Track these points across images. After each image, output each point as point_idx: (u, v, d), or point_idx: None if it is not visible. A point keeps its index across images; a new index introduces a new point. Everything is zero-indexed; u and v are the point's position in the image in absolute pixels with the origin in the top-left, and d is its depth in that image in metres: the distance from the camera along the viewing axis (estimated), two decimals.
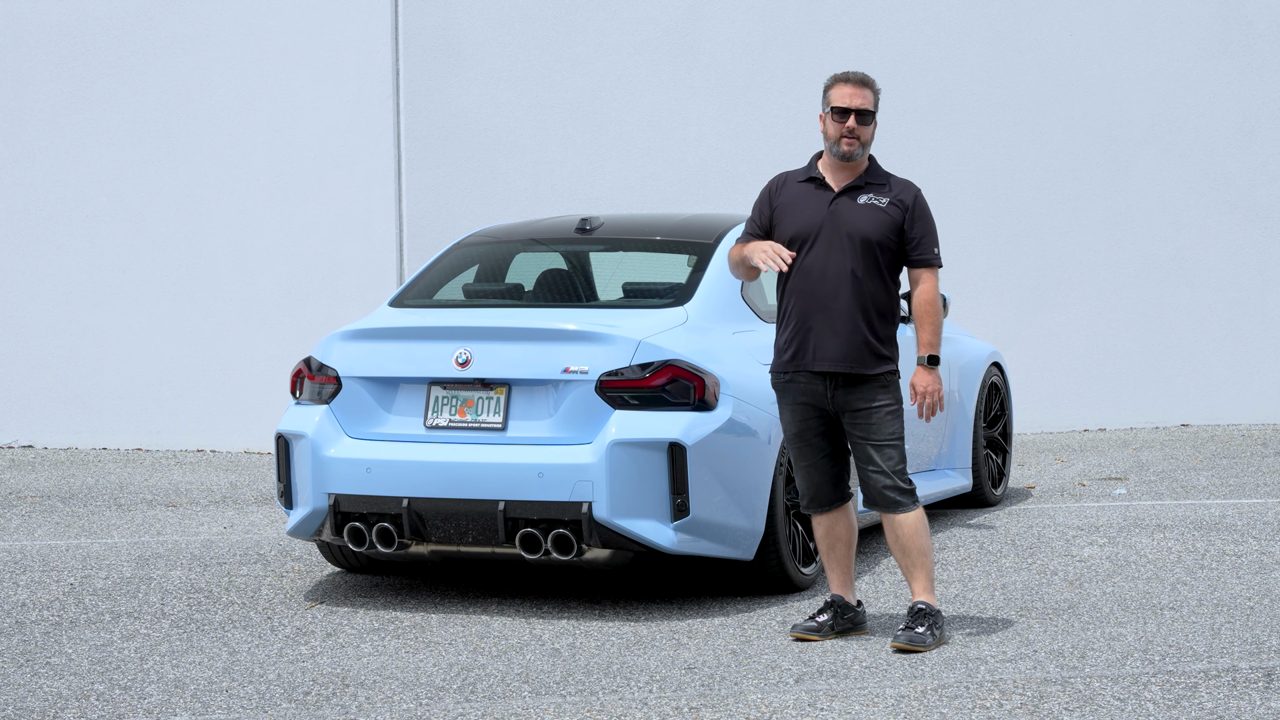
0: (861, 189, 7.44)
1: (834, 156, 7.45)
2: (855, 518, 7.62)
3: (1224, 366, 14.86)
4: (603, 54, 14.45)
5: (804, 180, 7.52)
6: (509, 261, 9.38)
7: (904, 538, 7.40)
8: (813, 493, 7.52)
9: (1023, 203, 14.74)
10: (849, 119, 7.39)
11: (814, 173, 7.51)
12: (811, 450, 7.49)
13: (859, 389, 7.36)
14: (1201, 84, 14.82)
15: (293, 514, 8.38)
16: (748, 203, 14.05)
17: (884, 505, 7.39)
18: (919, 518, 7.40)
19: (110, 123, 14.42)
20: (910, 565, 7.43)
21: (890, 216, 7.40)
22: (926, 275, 7.42)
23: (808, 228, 7.41)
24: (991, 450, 11.02)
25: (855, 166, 7.47)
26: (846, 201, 7.42)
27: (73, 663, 7.30)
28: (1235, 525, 9.82)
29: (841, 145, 7.41)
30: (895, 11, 14.62)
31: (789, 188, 7.54)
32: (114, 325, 14.45)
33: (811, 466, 7.49)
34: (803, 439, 7.48)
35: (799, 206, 7.46)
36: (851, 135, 7.39)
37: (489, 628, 7.84)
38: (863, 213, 7.39)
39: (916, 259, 7.43)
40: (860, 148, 7.41)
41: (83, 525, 10.72)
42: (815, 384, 7.40)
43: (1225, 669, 6.80)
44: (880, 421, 7.36)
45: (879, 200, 7.41)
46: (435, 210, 14.19)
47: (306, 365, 8.47)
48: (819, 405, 7.43)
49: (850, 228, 7.37)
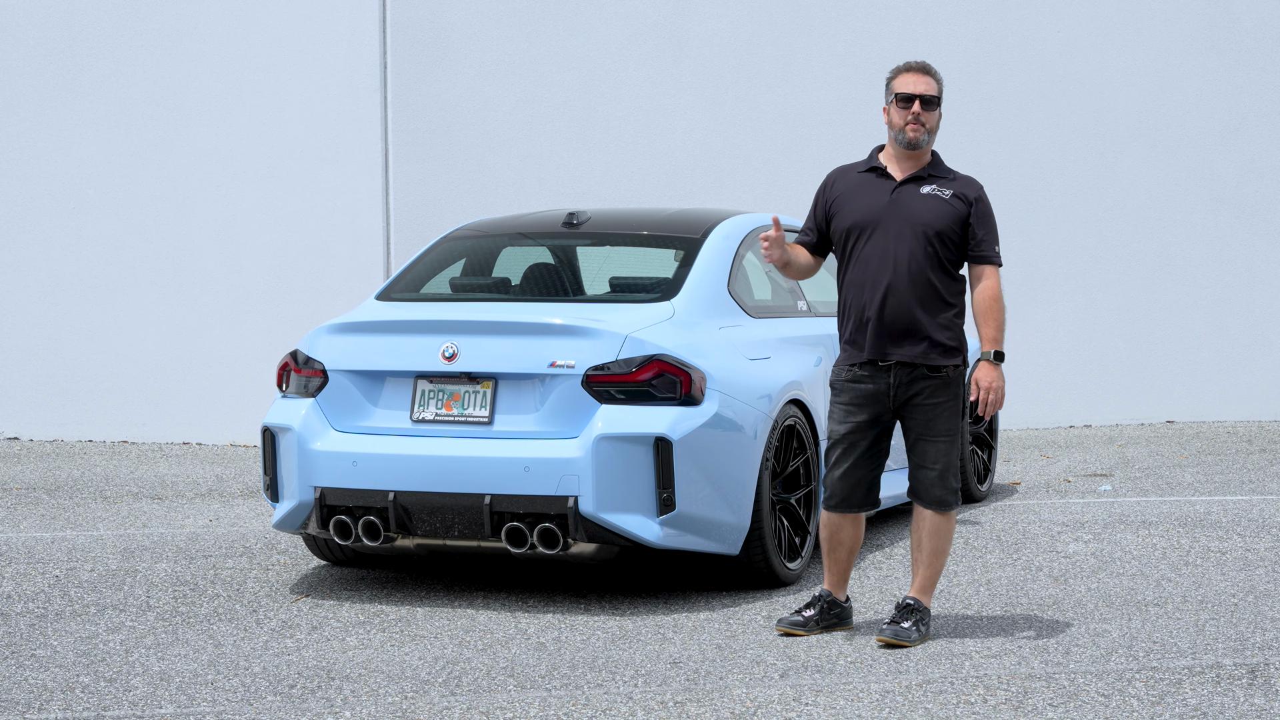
0: (925, 180, 7.36)
1: (899, 145, 7.36)
2: (863, 528, 7.56)
3: (1209, 363, 14.89)
4: (591, 48, 14.44)
5: (865, 170, 7.44)
6: (496, 255, 9.38)
7: (926, 532, 7.35)
8: (844, 494, 7.41)
9: (1009, 199, 14.75)
10: (914, 105, 7.31)
11: (875, 163, 7.43)
12: (854, 452, 7.36)
13: (923, 382, 7.27)
14: (1188, 81, 14.85)
15: (279, 507, 8.38)
16: (735, 197, 14.13)
17: (927, 501, 7.32)
18: (949, 520, 7.37)
19: (97, 115, 14.40)
20: (921, 560, 7.39)
21: (954, 209, 7.30)
22: (989, 272, 7.32)
23: (868, 217, 7.32)
24: (977, 446, 11.04)
25: (919, 157, 7.40)
26: (910, 190, 7.34)
27: (58, 655, 7.29)
28: (1220, 522, 9.84)
29: (907, 132, 7.32)
30: (883, 8, 14.63)
31: (847, 178, 7.46)
32: (100, 317, 14.43)
33: (851, 469, 7.37)
34: (848, 440, 7.36)
35: (859, 196, 7.37)
36: (917, 121, 7.31)
37: (474, 621, 7.85)
38: (926, 202, 7.31)
39: (979, 255, 7.33)
40: (926, 134, 7.31)
41: (68, 517, 10.71)
42: (879, 379, 7.31)
43: (1209, 665, 6.82)
44: (939, 416, 7.28)
45: (943, 192, 7.33)
46: (422, 204, 14.18)
47: (293, 358, 8.46)
48: (878, 403, 7.31)
49: (913, 217, 7.27)
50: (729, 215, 9.23)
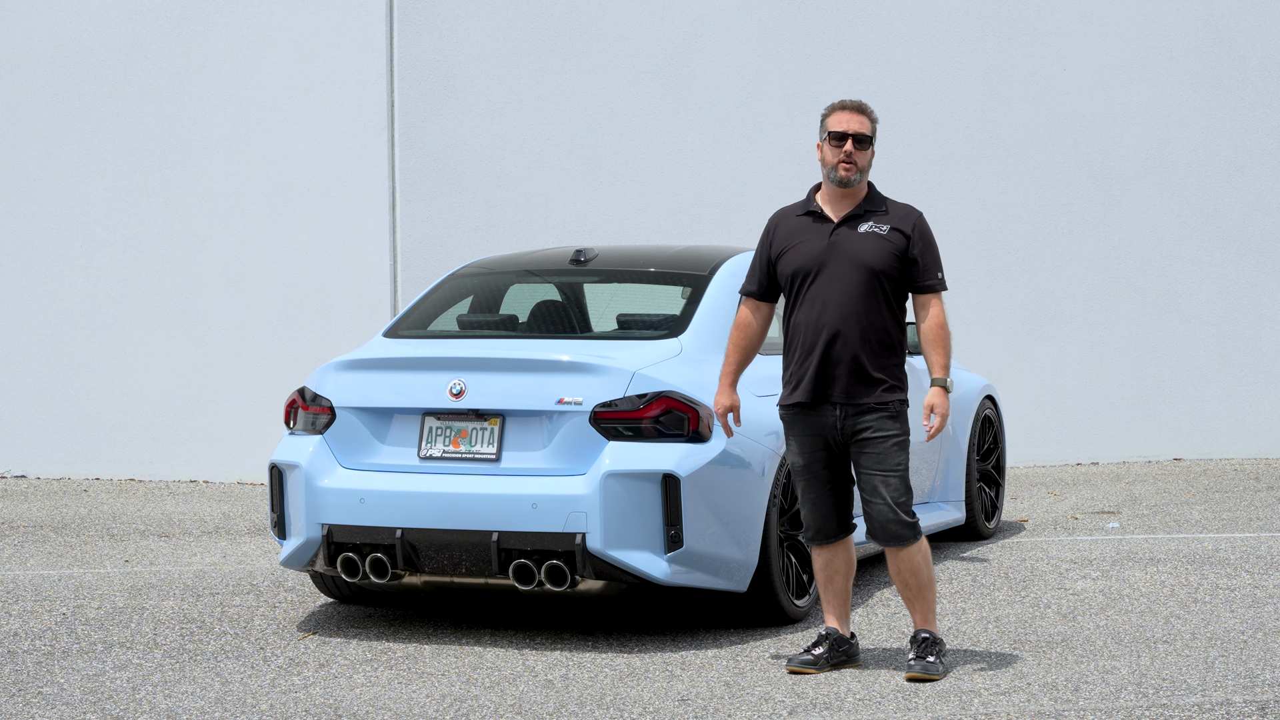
0: (861, 217, 7.42)
1: (831, 183, 7.45)
2: (854, 551, 7.61)
3: (1216, 400, 14.88)
4: (598, 87, 14.48)
5: (802, 214, 7.51)
6: (503, 292, 9.38)
7: (905, 571, 7.38)
8: (818, 525, 7.50)
9: (1016, 236, 14.77)
10: (846, 144, 7.38)
11: (812, 206, 7.50)
12: (818, 483, 7.46)
13: (867, 418, 7.33)
14: (1194, 119, 14.87)
15: (286, 544, 8.37)
16: (742, 234, 14.14)
17: (886, 539, 7.36)
18: (921, 550, 7.38)
19: (106, 153, 14.44)
20: (911, 597, 7.41)
21: (892, 244, 7.37)
22: (933, 301, 7.40)
23: (810, 260, 7.39)
24: (985, 483, 11.02)
25: (854, 194, 7.46)
26: (847, 231, 7.41)
27: (65, 692, 7.28)
28: (1228, 559, 9.82)
29: (839, 171, 7.40)
30: (890, 46, 14.66)
31: (787, 223, 7.54)
32: (108, 355, 14.45)
33: (819, 499, 7.47)
34: (810, 471, 7.46)
35: (799, 240, 7.45)
36: (849, 161, 7.38)
37: (482, 659, 7.83)
38: (864, 241, 7.37)
39: (921, 285, 7.40)
40: (858, 174, 7.39)
41: (75, 555, 10.70)
42: (824, 415, 7.38)
43: (1219, 703, 6.80)
44: (887, 452, 7.33)
45: (880, 228, 7.39)
46: (429, 241, 14.21)
47: (300, 395, 8.47)
48: (826, 437, 7.41)
49: (852, 257, 7.34)
50: (736, 252, 9.24)
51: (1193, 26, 14.85)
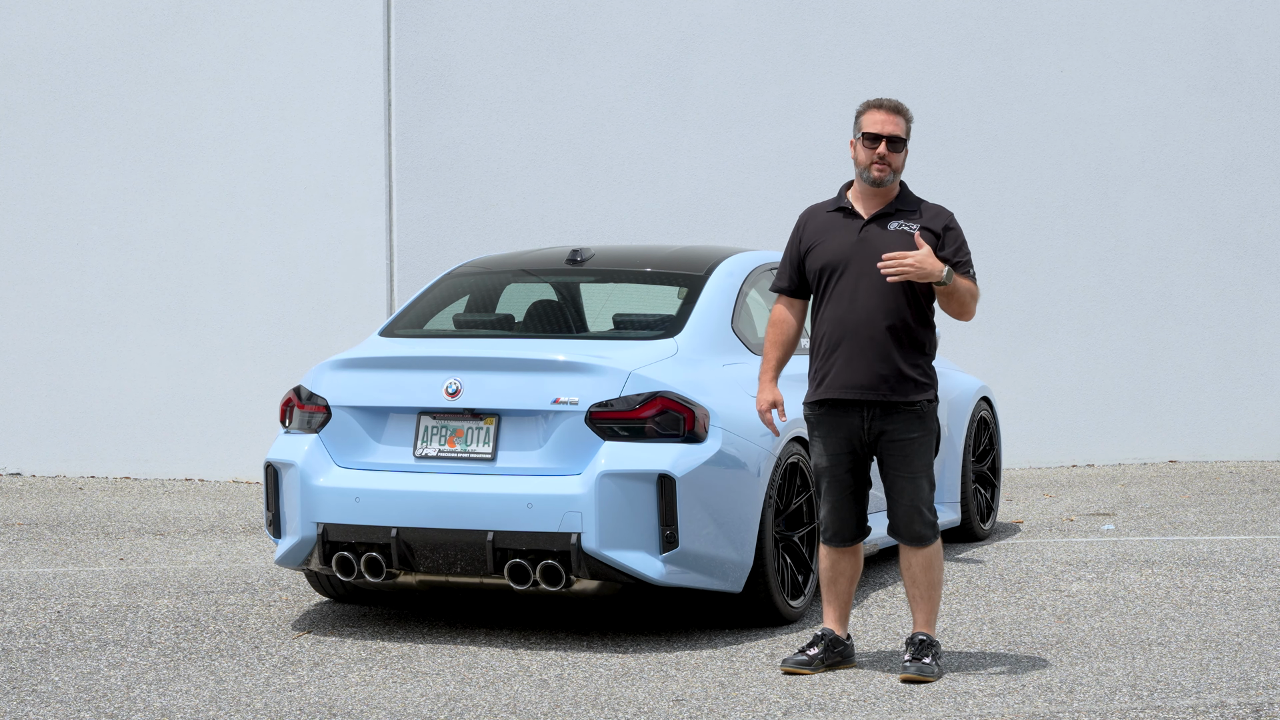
0: (891, 216, 7.39)
1: (864, 183, 7.41)
2: (863, 556, 7.59)
3: (1212, 403, 14.88)
4: (595, 87, 14.48)
5: (833, 210, 7.49)
6: (500, 292, 9.38)
7: (917, 569, 7.38)
8: (837, 527, 7.46)
9: (1012, 238, 14.77)
10: (880, 145, 7.35)
11: (843, 202, 7.47)
12: (839, 486, 7.43)
13: (894, 417, 7.30)
14: (1191, 121, 14.88)
15: (281, 543, 8.37)
16: (738, 235, 14.15)
17: (908, 537, 7.36)
18: (936, 552, 7.39)
19: (101, 151, 14.44)
20: (918, 596, 7.41)
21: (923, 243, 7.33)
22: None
23: (838, 257, 7.36)
24: (980, 485, 11.03)
25: (885, 193, 7.43)
26: (876, 229, 7.37)
27: (59, 690, 7.28)
28: (1223, 561, 9.83)
29: (872, 171, 7.36)
30: (886, 47, 14.67)
31: (817, 219, 7.51)
32: (103, 353, 14.44)
33: (839, 502, 7.44)
34: (832, 473, 7.43)
35: (828, 236, 7.41)
36: (882, 162, 7.35)
37: (477, 658, 7.83)
38: (892, 240, 7.33)
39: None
40: (891, 174, 7.36)
41: (70, 553, 10.70)
42: (850, 415, 7.35)
43: (1213, 705, 6.80)
44: (914, 452, 7.31)
45: (909, 227, 7.36)
46: (426, 241, 14.20)
47: (296, 394, 8.47)
48: (852, 440, 7.37)
49: (880, 255, 7.30)
50: (732, 253, 9.24)
51: (1190, 29, 14.86)
